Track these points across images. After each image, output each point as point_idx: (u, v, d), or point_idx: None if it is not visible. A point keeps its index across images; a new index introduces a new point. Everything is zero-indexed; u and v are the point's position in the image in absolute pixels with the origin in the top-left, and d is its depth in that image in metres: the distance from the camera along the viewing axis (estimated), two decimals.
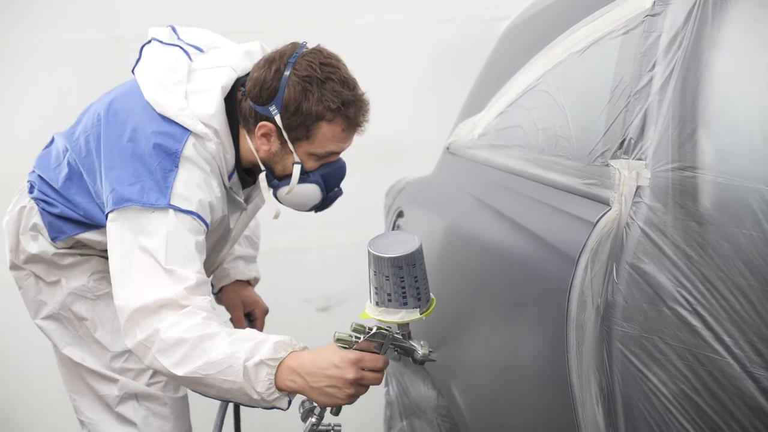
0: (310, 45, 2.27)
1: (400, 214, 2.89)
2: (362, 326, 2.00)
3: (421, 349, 2.00)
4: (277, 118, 2.18)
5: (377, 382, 2.01)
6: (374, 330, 1.97)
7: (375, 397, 3.64)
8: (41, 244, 2.42)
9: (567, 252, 1.63)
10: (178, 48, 2.32)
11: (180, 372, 2.01)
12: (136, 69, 2.34)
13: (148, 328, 2.04)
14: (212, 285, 2.84)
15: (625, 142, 1.53)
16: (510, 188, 2.11)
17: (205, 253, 2.20)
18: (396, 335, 2.00)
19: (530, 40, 2.29)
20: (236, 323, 2.84)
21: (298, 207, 2.37)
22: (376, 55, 4.17)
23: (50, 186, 2.40)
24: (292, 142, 2.22)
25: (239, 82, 2.27)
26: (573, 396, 1.52)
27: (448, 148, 2.78)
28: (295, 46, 2.22)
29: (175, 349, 2.01)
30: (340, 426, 2.12)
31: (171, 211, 2.11)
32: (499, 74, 2.45)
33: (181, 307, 2.04)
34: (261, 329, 2.89)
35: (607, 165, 1.59)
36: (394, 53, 4.20)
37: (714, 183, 1.35)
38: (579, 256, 1.53)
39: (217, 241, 2.41)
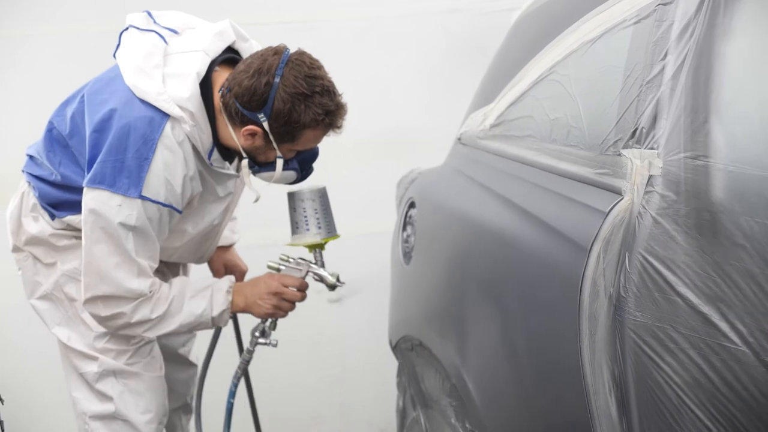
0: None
1: (411, 205, 2.89)
2: (287, 256, 2.71)
3: (331, 276, 2.71)
4: (265, 125, 2.36)
5: (297, 299, 2.67)
6: (296, 258, 2.69)
7: (388, 387, 3.65)
8: (41, 225, 2.57)
9: (579, 242, 1.63)
10: (153, 33, 2.46)
11: (152, 335, 2.54)
12: (116, 54, 2.50)
13: (112, 309, 2.43)
14: None
15: (637, 132, 1.53)
16: (522, 178, 2.11)
17: (166, 232, 2.48)
18: (312, 265, 2.70)
19: (541, 29, 2.29)
20: None
21: (277, 184, 2.64)
22: (385, 46, 4.17)
23: (36, 162, 2.58)
24: (277, 143, 2.41)
25: (214, 63, 2.43)
26: (585, 385, 1.52)
27: (459, 139, 2.78)
28: (279, 55, 2.36)
29: (144, 324, 2.48)
30: (276, 341, 2.73)
31: (140, 201, 2.32)
32: (511, 64, 2.45)
33: (140, 296, 2.44)
34: None
35: (619, 154, 1.59)
36: (402, 44, 4.19)
37: (726, 172, 1.35)
38: (591, 246, 1.53)
39: (207, 210, 2.62)
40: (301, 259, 2.69)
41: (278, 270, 2.68)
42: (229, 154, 2.53)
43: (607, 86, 1.72)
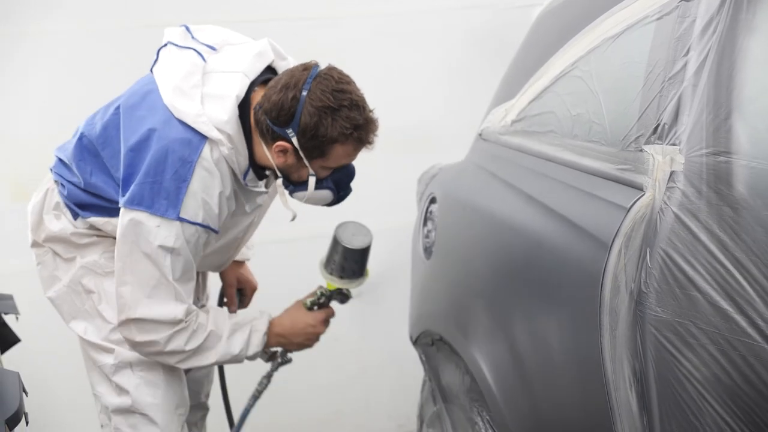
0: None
1: (432, 200, 2.90)
2: (321, 291, 2.77)
3: (349, 295, 2.81)
4: (294, 140, 2.33)
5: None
6: (330, 292, 2.77)
7: (407, 381, 3.66)
8: (63, 223, 2.56)
9: (600, 237, 1.63)
10: (192, 51, 2.44)
11: (185, 366, 2.53)
12: (154, 69, 2.48)
13: (146, 336, 2.41)
14: None
15: (659, 128, 1.53)
16: (543, 174, 2.11)
17: (200, 253, 2.45)
18: (342, 292, 2.79)
19: (564, 25, 2.29)
20: (229, 299, 3.08)
21: (313, 205, 2.56)
22: (407, 42, 4.16)
23: (66, 167, 2.55)
24: (308, 159, 2.38)
25: (254, 84, 2.41)
26: (606, 380, 1.53)
27: (480, 135, 2.78)
28: (308, 71, 2.34)
29: (178, 355, 2.47)
30: (291, 358, 2.83)
31: (178, 223, 2.32)
32: (533, 60, 2.45)
33: (175, 325, 2.41)
34: (248, 305, 3.13)
35: (641, 150, 1.59)
36: (424, 40, 4.19)
37: (748, 168, 1.35)
38: (612, 241, 1.54)
39: (233, 223, 2.59)
40: (333, 290, 2.78)
41: (311, 308, 2.75)
42: (263, 172, 2.52)
43: (630, 82, 1.72)
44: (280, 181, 2.46)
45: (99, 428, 2.70)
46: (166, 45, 2.49)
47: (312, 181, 2.42)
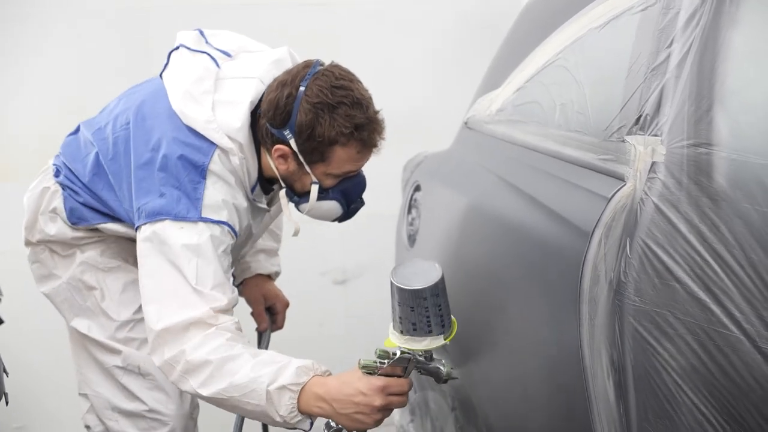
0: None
1: (417, 188, 2.90)
2: (386, 352, 2.03)
3: (444, 368, 2.04)
4: (292, 142, 2.18)
5: (403, 405, 2.04)
6: (398, 355, 2.01)
7: None
8: (59, 226, 2.45)
9: (581, 226, 1.64)
10: (205, 55, 2.32)
11: (205, 392, 2.06)
12: (164, 74, 2.35)
13: (175, 348, 2.08)
14: (234, 277, 2.82)
15: (642, 118, 1.54)
16: (527, 163, 2.12)
17: (228, 269, 2.23)
18: (419, 358, 2.03)
19: (550, 15, 2.29)
20: (257, 318, 2.88)
21: (321, 220, 2.38)
22: (395, 28, 4.17)
23: (76, 176, 2.42)
24: (308, 164, 2.22)
25: None
26: (584, 369, 1.53)
27: (466, 123, 2.79)
28: (308, 67, 2.20)
29: (201, 370, 2.06)
30: None
31: (202, 223, 2.14)
32: (518, 49, 2.45)
33: (207, 327, 2.08)
34: (282, 324, 2.94)
35: (623, 141, 1.59)
36: (414, 27, 4.19)
37: (728, 160, 1.35)
38: (593, 231, 1.54)
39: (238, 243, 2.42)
40: (404, 353, 2.02)
41: (371, 372, 2.03)
42: (269, 187, 2.39)
43: (613, 73, 1.73)
44: (283, 191, 2.31)
45: (81, 414, 2.58)
46: (177, 48, 2.37)
47: (314, 189, 2.25)
